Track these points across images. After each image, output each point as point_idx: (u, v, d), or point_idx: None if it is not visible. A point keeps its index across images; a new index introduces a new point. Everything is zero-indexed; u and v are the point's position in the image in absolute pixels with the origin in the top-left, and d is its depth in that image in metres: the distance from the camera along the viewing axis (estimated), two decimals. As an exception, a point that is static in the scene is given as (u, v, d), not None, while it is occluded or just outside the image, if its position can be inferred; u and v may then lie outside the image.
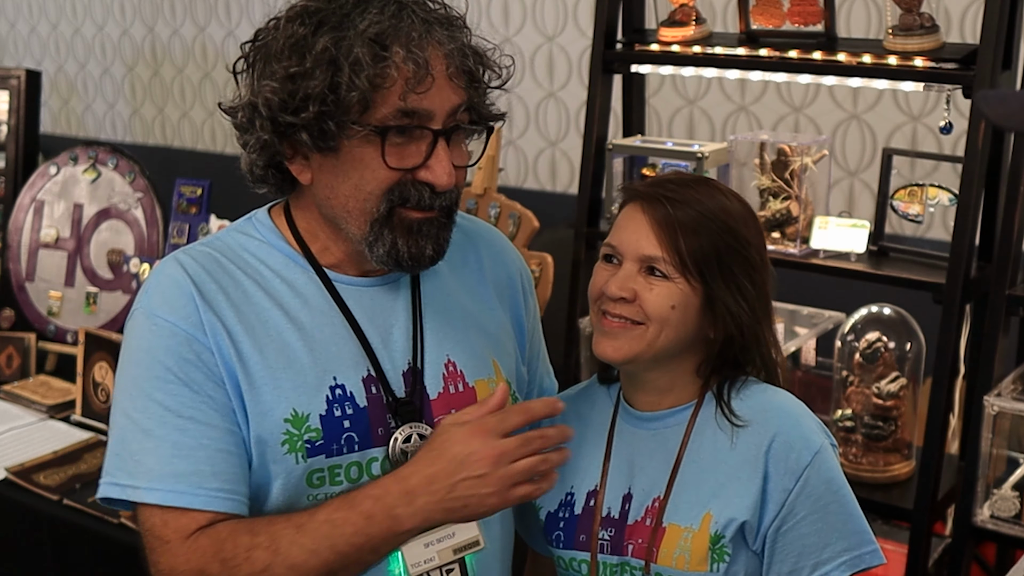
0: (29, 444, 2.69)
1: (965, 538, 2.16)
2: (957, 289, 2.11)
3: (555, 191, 4.17)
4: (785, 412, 1.47)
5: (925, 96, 3.38)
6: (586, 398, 1.61)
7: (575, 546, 1.51)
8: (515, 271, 1.61)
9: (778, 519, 1.41)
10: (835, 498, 1.43)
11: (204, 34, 5.01)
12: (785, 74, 2.32)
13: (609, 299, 1.45)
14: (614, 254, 1.48)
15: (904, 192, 2.30)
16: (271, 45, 1.34)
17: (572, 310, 2.54)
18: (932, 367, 2.18)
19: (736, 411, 1.46)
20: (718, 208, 1.46)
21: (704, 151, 2.37)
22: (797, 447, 1.42)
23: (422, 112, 1.31)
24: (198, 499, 1.33)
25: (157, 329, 1.35)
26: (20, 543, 2.50)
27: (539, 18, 4.09)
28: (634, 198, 1.49)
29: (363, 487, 1.35)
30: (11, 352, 3.10)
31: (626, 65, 2.51)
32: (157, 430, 1.34)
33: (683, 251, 1.43)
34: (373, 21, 1.29)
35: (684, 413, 1.49)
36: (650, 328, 1.43)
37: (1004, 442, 2.17)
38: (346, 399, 1.38)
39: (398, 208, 1.35)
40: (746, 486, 1.42)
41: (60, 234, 3.18)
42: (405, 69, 1.29)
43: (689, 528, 1.42)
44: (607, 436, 1.54)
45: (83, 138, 5.18)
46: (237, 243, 1.44)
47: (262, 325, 1.37)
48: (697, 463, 1.46)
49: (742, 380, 1.49)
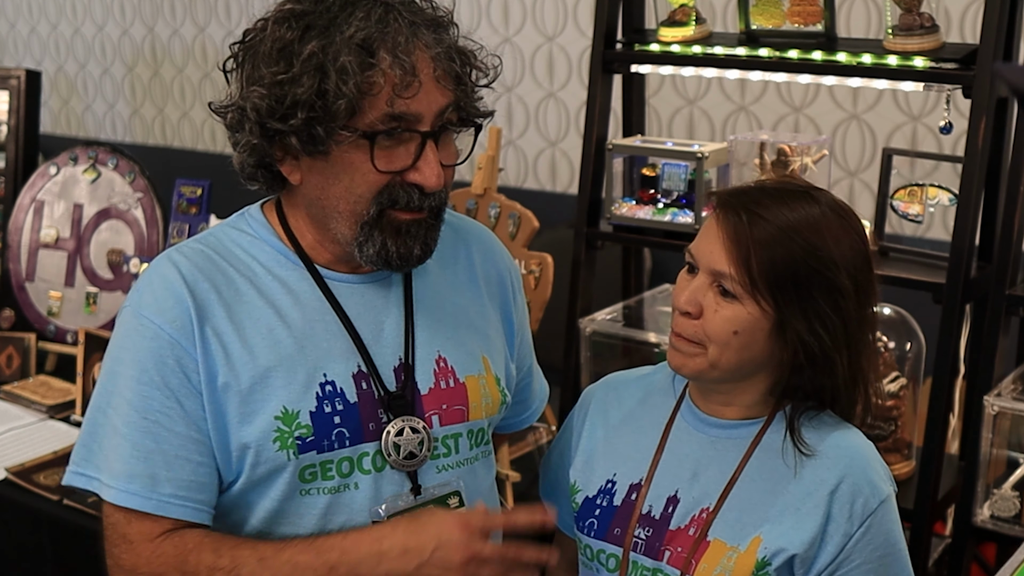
0: (29, 444, 2.69)
1: (965, 538, 2.16)
2: (957, 289, 2.11)
3: (555, 191, 4.17)
4: (858, 453, 1.41)
5: (925, 96, 3.38)
6: (646, 383, 1.56)
7: (607, 538, 1.46)
8: (504, 269, 1.61)
9: (834, 563, 1.37)
10: (892, 551, 1.40)
11: (204, 34, 5.01)
12: (785, 74, 2.32)
13: (678, 311, 1.39)
14: (693, 263, 1.40)
15: (904, 192, 2.30)
16: (258, 47, 1.34)
17: (572, 310, 2.54)
18: (932, 367, 2.18)
19: (806, 440, 1.39)
20: (804, 223, 1.33)
21: (704, 151, 2.36)
22: (865, 493, 1.38)
23: (410, 115, 1.32)
24: (149, 503, 1.34)
25: (142, 329, 1.37)
26: (20, 543, 2.50)
27: (539, 18, 4.09)
28: (716, 205, 1.40)
29: (333, 535, 1.36)
30: (11, 352, 3.10)
31: (626, 65, 2.51)
32: (123, 428, 1.36)
33: (753, 269, 1.32)
34: (360, 26, 1.29)
35: (752, 428, 1.43)
36: (710, 350, 1.37)
37: (1004, 442, 2.17)
38: (336, 395, 1.39)
39: (387, 210, 1.36)
40: (804, 521, 1.37)
41: (60, 234, 3.18)
42: (392, 75, 1.29)
43: (735, 548, 1.37)
44: (663, 429, 1.48)
45: (83, 138, 5.17)
46: (230, 239, 1.45)
47: (253, 324, 1.38)
48: (755, 483, 1.40)
49: (816, 410, 1.42)
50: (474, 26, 1.32)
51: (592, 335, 2.52)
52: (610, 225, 2.51)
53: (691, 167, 2.38)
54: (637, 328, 2.57)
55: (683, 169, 2.40)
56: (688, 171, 2.39)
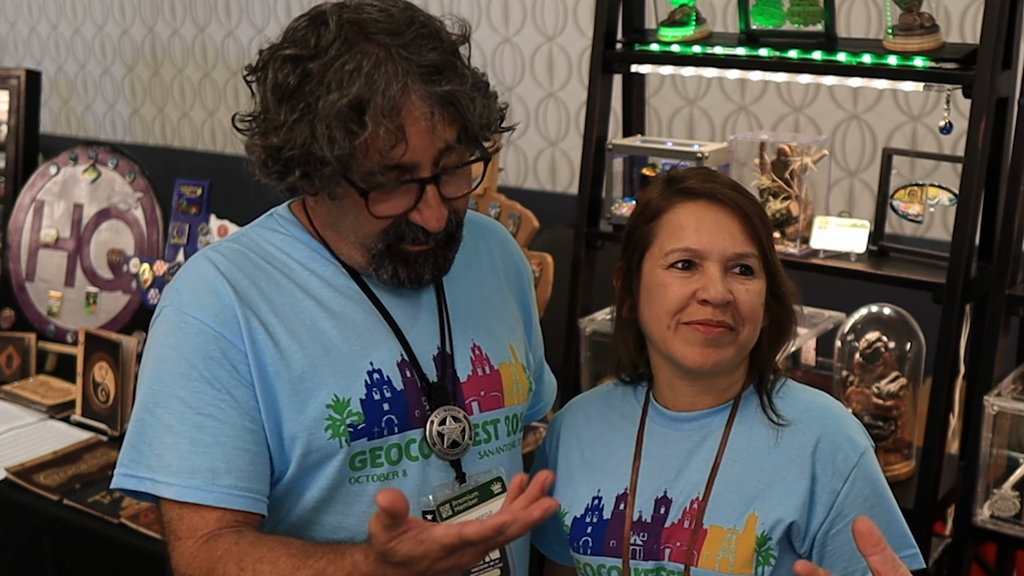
0: (29, 444, 2.69)
1: (965, 538, 2.16)
2: (957, 289, 2.11)
3: (555, 191, 4.17)
4: (829, 412, 1.44)
5: (925, 96, 3.38)
6: (606, 400, 1.59)
7: (605, 552, 1.47)
8: (520, 262, 1.66)
9: (827, 521, 1.38)
10: (880, 500, 1.41)
11: (204, 34, 5.00)
12: (785, 74, 2.32)
13: (708, 306, 1.38)
14: (693, 258, 1.40)
15: (904, 192, 2.30)
16: (264, 78, 1.36)
17: (572, 310, 2.54)
18: (932, 367, 2.18)
19: (778, 410, 1.44)
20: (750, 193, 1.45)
21: (704, 151, 2.36)
22: (844, 448, 1.40)
23: (405, 165, 1.33)
24: (211, 495, 1.35)
25: (185, 326, 1.38)
26: (20, 543, 2.50)
27: (539, 18, 4.09)
28: (691, 196, 1.43)
29: (352, 550, 1.30)
30: (11, 352, 3.10)
31: (626, 65, 2.51)
32: (177, 426, 1.36)
33: (764, 244, 1.40)
34: (347, 85, 1.29)
35: (722, 413, 1.46)
36: (744, 330, 1.40)
37: (1004, 442, 2.17)
38: (384, 383, 1.42)
39: (396, 243, 1.39)
40: (792, 486, 1.39)
41: (60, 234, 3.18)
42: (377, 139, 1.30)
43: (733, 529, 1.39)
44: (636, 437, 1.51)
45: (83, 138, 5.18)
46: (263, 238, 1.47)
47: (297, 316, 1.41)
48: (738, 463, 1.43)
49: (781, 380, 1.47)
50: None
51: (592, 335, 2.52)
52: (610, 225, 2.51)
53: (691, 167, 2.38)
54: (637, 328, 2.56)
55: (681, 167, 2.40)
56: (688, 171, 2.39)
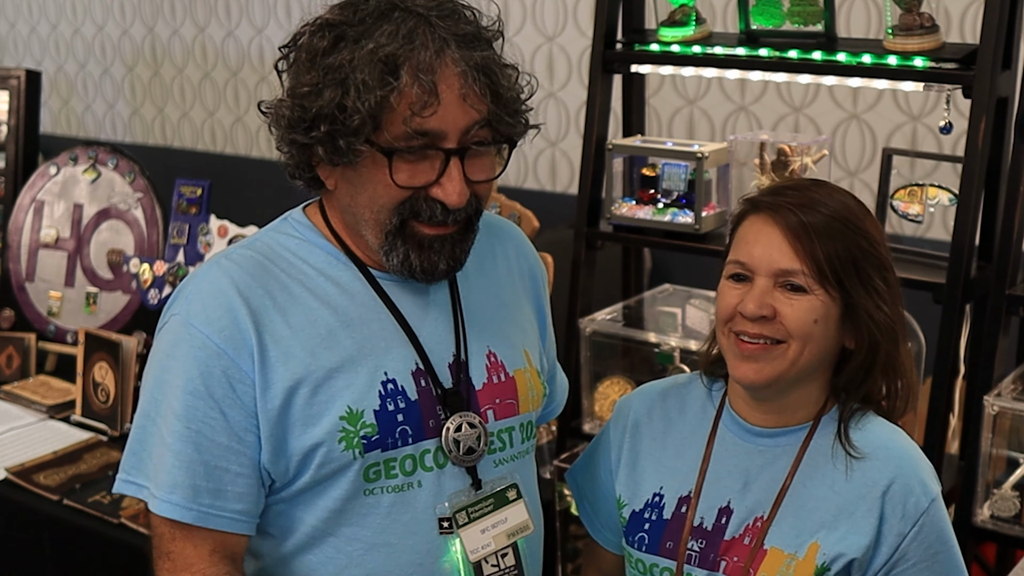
0: (29, 444, 2.69)
1: (965, 538, 2.16)
2: (957, 289, 2.11)
3: (555, 191, 4.17)
4: (906, 454, 1.42)
5: (925, 96, 3.37)
6: (683, 394, 1.56)
7: (660, 552, 1.46)
8: (535, 264, 1.64)
9: (889, 563, 1.38)
10: (945, 548, 1.41)
11: (204, 34, 5.00)
12: (785, 74, 2.32)
13: (747, 319, 1.38)
14: (743, 271, 1.40)
15: (904, 192, 2.29)
16: (298, 53, 1.36)
17: (572, 310, 2.54)
18: (932, 367, 2.18)
19: (854, 442, 1.41)
20: (843, 208, 1.40)
21: (704, 151, 2.36)
22: (916, 492, 1.39)
23: (433, 132, 1.31)
24: (189, 514, 1.35)
25: (190, 338, 1.36)
26: (20, 543, 2.50)
27: (539, 18, 4.09)
28: (757, 209, 1.42)
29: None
30: (11, 352, 3.10)
31: (626, 65, 2.51)
32: (168, 438, 1.36)
33: (820, 260, 1.36)
34: (385, 41, 1.29)
35: (798, 434, 1.44)
36: (792, 346, 1.38)
37: (1004, 442, 2.17)
38: (398, 393, 1.40)
39: (411, 221, 1.37)
40: (860, 524, 1.38)
41: (60, 234, 3.18)
42: (410, 93, 1.29)
43: (793, 556, 1.38)
44: (707, 440, 1.49)
45: (83, 138, 5.18)
46: (278, 243, 1.45)
47: (312, 326, 1.39)
48: (808, 489, 1.41)
49: (862, 411, 1.44)
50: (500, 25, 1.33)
51: (592, 335, 2.52)
52: (610, 225, 2.51)
53: (691, 167, 2.38)
54: (637, 328, 2.57)
55: (683, 169, 2.40)
56: (688, 171, 2.39)
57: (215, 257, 1.44)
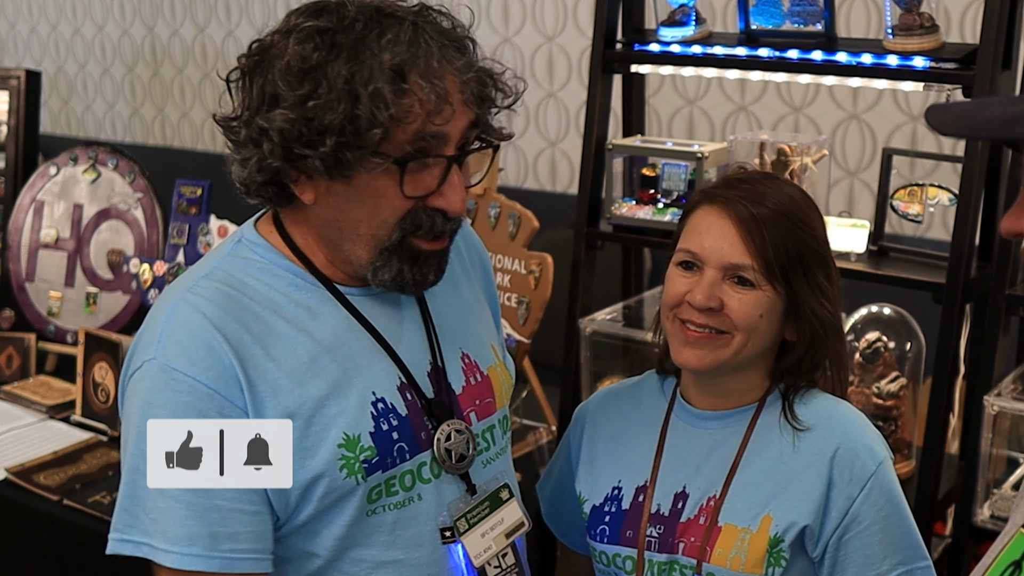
0: (29, 444, 2.69)
1: (965, 538, 2.16)
2: (957, 289, 2.11)
3: (555, 191, 4.17)
4: (850, 421, 1.46)
5: (925, 96, 3.37)
6: (637, 391, 1.60)
7: (621, 542, 1.49)
8: (482, 251, 1.64)
9: (841, 527, 1.40)
10: (895, 510, 1.43)
11: (204, 34, 5.01)
12: (785, 74, 2.32)
13: (694, 308, 1.41)
14: (693, 260, 1.43)
15: (904, 192, 2.29)
16: (273, 62, 1.30)
17: (572, 310, 2.54)
18: (932, 367, 2.18)
19: (799, 416, 1.45)
20: (793, 206, 1.43)
21: (704, 151, 2.36)
22: (863, 456, 1.42)
23: (440, 136, 1.29)
24: (214, 562, 1.29)
25: (175, 383, 1.29)
26: (20, 543, 2.50)
27: (539, 18, 4.09)
28: (711, 200, 1.44)
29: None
30: (11, 352, 3.10)
31: (626, 65, 2.51)
32: (171, 489, 1.29)
33: (770, 257, 1.39)
34: (392, 51, 1.26)
35: (745, 414, 1.48)
36: (737, 337, 1.41)
37: (1004, 442, 2.17)
38: (389, 411, 1.38)
39: (409, 236, 1.34)
40: (808, 490, 1.41)
41: (60, 234, 3.18)
42: (427, 101, 1.26)
43: (747, 529, 1.41)
44: (660, 431, 1.52)
45: (83, 138, 5.17)
46: (240, 270, 1.37)
47: (293, 357, 1.33)
48: (756, 464, 1.44)
49: (805, 387, 1.48)
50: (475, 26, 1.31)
51: (592, 335, 2.52)
52: (610, 225, 2.51)
53: (691, 167, 2.38)
54: (637, 328, 2.56)
55: (683, 169, 2.40)
56: (688, 171, 2.39)
57: (176, 292, 1.35)
